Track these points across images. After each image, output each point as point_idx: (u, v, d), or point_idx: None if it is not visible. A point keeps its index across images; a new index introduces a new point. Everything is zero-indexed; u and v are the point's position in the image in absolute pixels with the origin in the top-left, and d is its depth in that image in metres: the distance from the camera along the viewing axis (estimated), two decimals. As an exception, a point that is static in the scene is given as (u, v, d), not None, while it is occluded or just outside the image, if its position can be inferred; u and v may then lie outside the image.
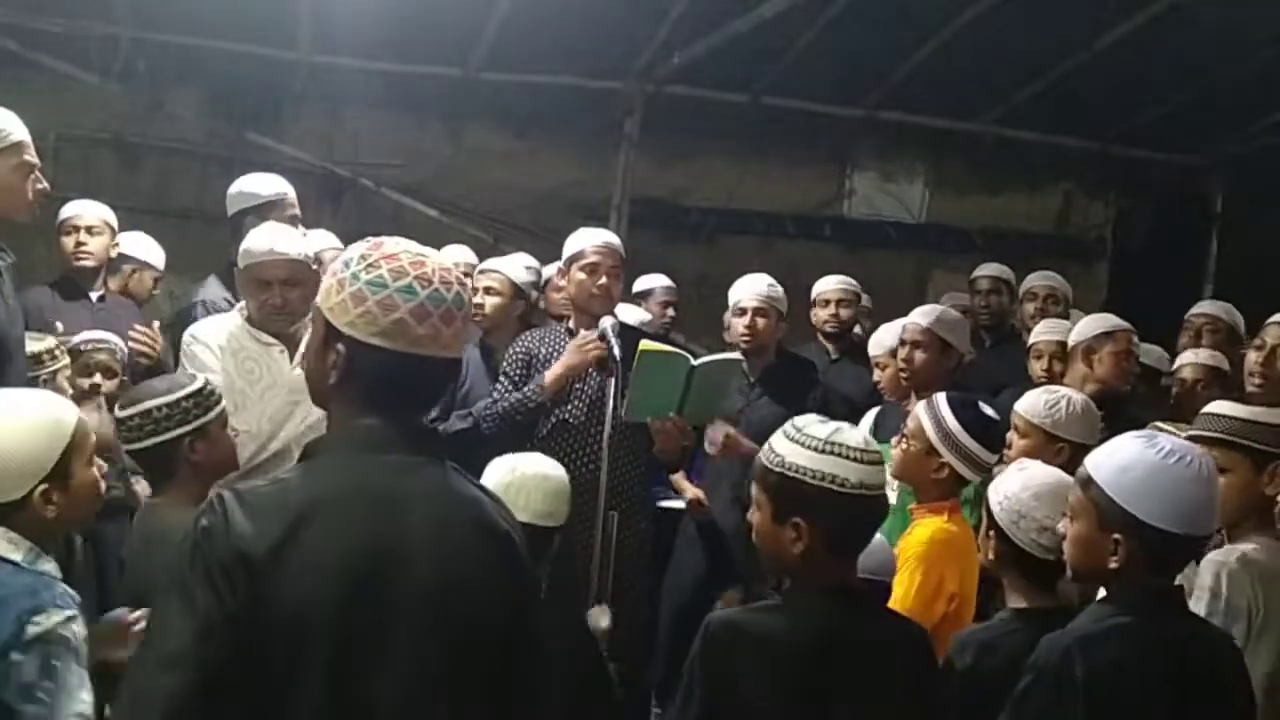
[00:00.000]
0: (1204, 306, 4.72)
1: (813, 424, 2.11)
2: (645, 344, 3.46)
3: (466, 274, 4.24)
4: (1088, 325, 3.91)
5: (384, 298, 1.60)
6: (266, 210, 3.75)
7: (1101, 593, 2.19)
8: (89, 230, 4.39)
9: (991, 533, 2.38)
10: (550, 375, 3.59)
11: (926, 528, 2.78)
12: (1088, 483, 2.03)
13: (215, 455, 2.63)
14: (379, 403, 1.63)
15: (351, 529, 1.55)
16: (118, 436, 2.67)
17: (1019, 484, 2.35)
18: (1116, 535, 1.98)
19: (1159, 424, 3.10)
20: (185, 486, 2.57)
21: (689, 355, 3.52)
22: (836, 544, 2.09)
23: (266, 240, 3.29)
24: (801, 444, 2.07)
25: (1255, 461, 2.55)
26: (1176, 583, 2.14)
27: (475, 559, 1.63)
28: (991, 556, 2.39)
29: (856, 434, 2.10)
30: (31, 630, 1.91)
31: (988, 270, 5.10)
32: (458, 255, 4.53)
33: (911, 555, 2.70)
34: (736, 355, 3.95)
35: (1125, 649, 1.95)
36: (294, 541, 1.51)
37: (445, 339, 1.64)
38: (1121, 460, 2.01)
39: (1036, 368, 4.16)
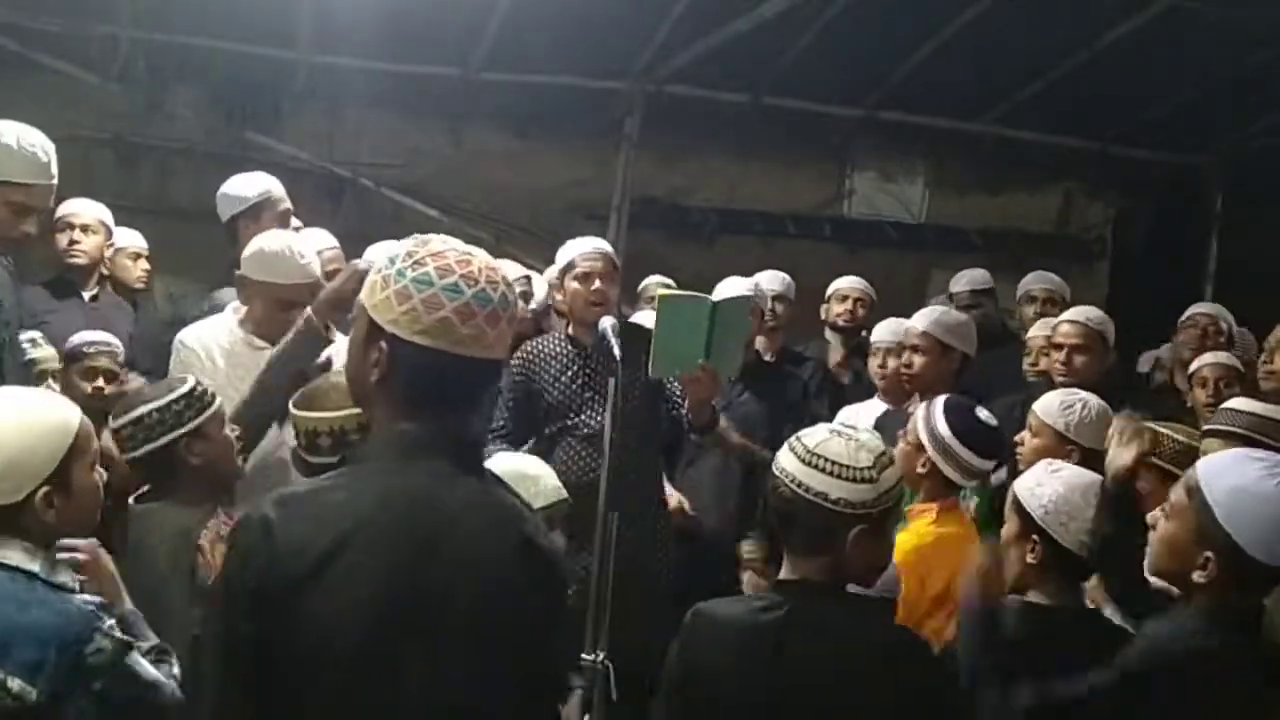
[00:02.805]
0: (1203, 307, 4.72)
1: (818, 430, 2.08)
2: (664, 290, 3.40)
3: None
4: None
5: (429, 295, 1.58)
6: (258, 212, 3.70)
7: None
8: (84, 229, 4.36)
9: (1034, 536, 2.30)
10: None
11: (909, 535, 2.75)
12: (1194, 491, 2.00)
13: (214, 455, 2.58)
14: (419, 404, 1.61)
15: (390, 547, 1.54)
16: (115, 447, 2.60)
17: (1064, 486, 2.31)
18: (1209, 553, 1.96)
19: (1151, 423, 3.09)
20: (187, 490, 2.55)
21: (708, 296, 3.43)
22: (787, 538, 2.07)
23: (299, 264, 3.19)
24: (789, 442, 2.07)
25: None
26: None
27: (513, 578, 1.61)
28: (1032, 560, 2.30)
29: (820, 438, 2.01)
30: (93, 660, 1.92)
31: (963, 284, 5.04)
32: None
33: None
34: (747, 293, 3.88)
35: (1211, 671, 1.93)
36: (335, 558, 1.51)
37: (489, 340, 1.61)
38: (1237, 481, 1.97)
39: (1025, 363, 4.17)
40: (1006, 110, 6.59)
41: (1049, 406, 3.16)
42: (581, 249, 3.70)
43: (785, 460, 2.03)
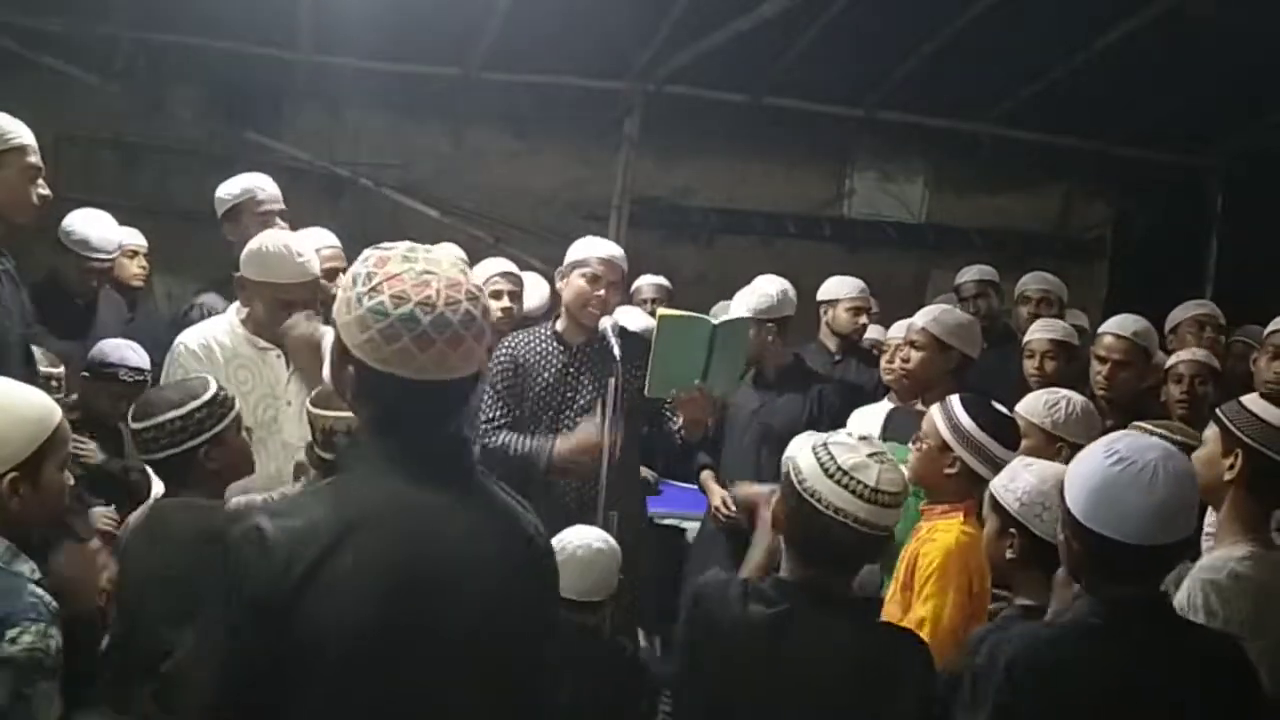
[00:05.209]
0: (1193, 310, 4.72)
1: (845, 447, 2.12)
2: (663, 310, 3.40)
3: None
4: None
5: (385, 327, 1.55)
6: (237, 212, 3.71)
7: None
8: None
9: (1012, 530, 2.34)
10: (565, 448, 3.46)
11: (947, 533, 2.72)
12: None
13: (231, 460, 2.60)
14: (391, 422, 1.62)
15: (385, 552, 1.54)
16: (134, 447, 2.61)
17: (1036, 478, 2.33)
18: (1063, 533, 2.04)
19: (1139, 424, 3.09)
20: (202, 489, 2.55)
21: (708, 317, 3.45)
22: (800, 545, 2.13)
23: (296, 263, 3.18)
24: (816, 455, 2.12)
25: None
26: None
27: (510, 575, 1.63)
28: (1012, 555, 2.34)
29: (874, 472, 2.08)
30: (5, 649, 1.84)
31: (970, 275, 5.07)
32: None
33: (937, 568, 2.64)
34: (746, 315, 3.87)
35: (1065, 656, 1.94)
36: (327, 564, 1.51)
37: (452, 362, 1.58)
38: (1079, 460, 2.04)
39: (1029, 366, 4.16)
40: (1006, 110, 6.59)
41: (1034, 407, 3.16)
42: (598, 252, 3.66)
43: (836, 495, 2.07)
